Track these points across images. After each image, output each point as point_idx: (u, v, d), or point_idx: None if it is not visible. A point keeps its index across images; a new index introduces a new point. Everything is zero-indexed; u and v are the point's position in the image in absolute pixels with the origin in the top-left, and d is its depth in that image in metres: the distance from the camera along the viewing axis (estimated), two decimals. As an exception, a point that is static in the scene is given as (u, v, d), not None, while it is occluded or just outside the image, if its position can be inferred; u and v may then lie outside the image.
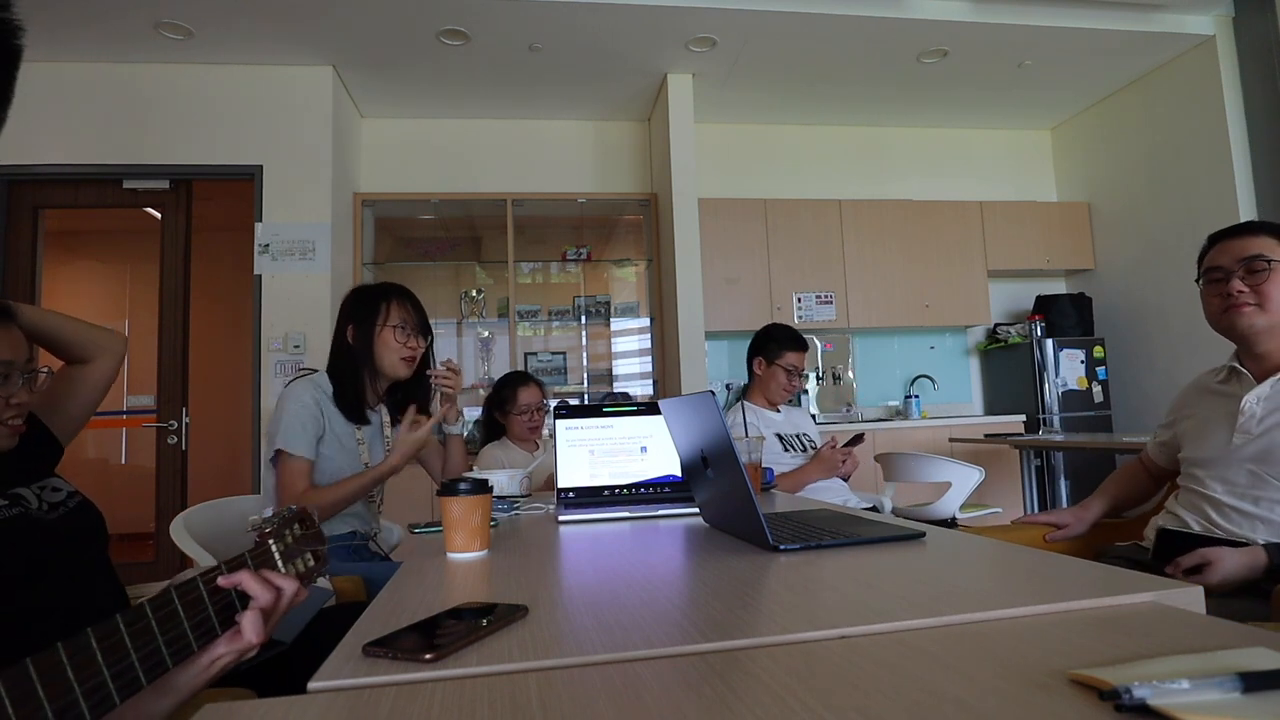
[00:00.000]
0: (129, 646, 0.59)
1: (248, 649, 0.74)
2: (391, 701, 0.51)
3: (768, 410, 2.53)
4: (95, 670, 0.55)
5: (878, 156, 5.11)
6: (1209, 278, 1.43)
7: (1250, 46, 3.99)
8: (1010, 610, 0.64)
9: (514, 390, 2.62)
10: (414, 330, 1.78)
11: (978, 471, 2.86)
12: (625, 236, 5.04)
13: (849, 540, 0.99)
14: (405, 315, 1.77)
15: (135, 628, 0.60)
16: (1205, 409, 1.48)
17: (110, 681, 0.56)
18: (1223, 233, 1.43)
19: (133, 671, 0.58)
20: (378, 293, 1.80)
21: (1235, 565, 1.21)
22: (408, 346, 1.76)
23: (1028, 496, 4.23)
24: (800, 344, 2.49)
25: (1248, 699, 0.42)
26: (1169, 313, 4.35)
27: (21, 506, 0.95)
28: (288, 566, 0.82)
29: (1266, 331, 1.36)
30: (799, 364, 2.47)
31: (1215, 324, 1.43)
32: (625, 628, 0.65)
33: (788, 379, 2.46)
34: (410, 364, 1.78)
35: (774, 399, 2.52)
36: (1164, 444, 1.63)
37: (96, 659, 0.55)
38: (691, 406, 1.11)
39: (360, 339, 1.76)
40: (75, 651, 0.53)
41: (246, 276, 3.86)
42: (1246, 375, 1.41)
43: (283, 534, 0.83)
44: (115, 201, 3.90)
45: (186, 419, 3.87)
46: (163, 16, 3.42)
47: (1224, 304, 1.39)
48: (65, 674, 0.52)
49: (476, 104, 4.48)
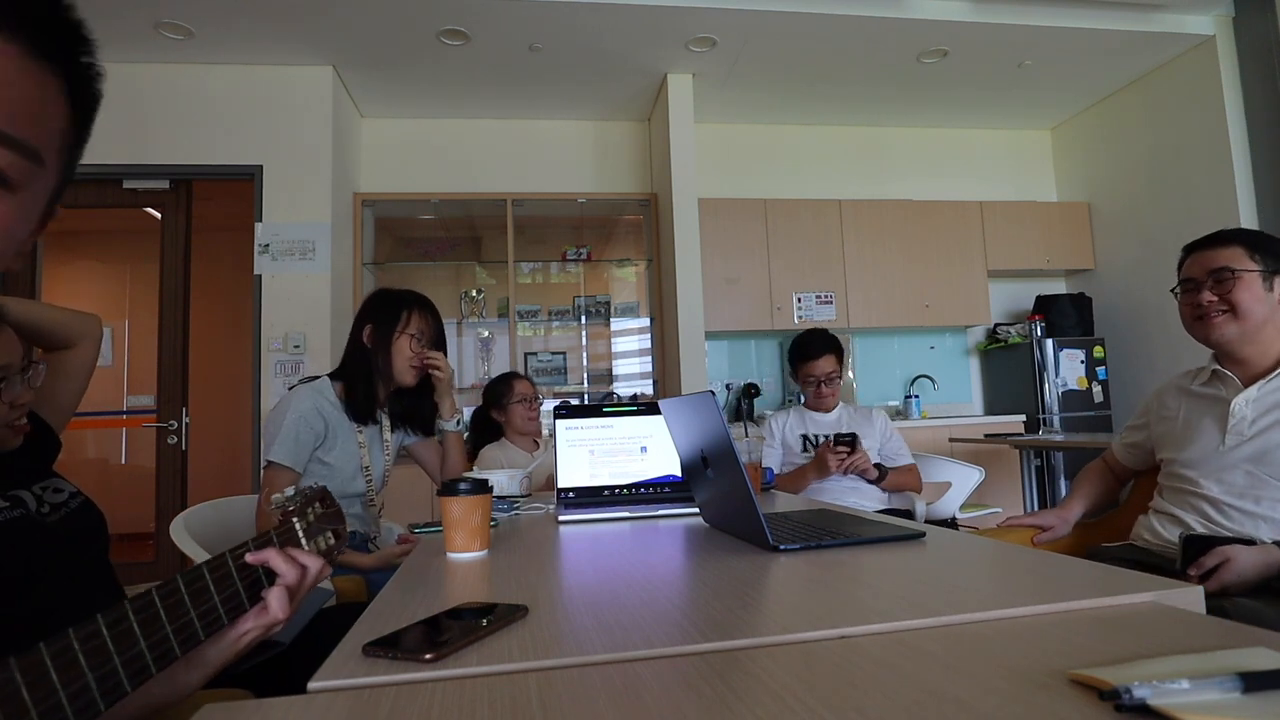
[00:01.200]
0: (163, 619, 0.61)
1: (274, 624, 0.76)
2: (391, 701, 0.51)
3: (815, 413, 2.57)
4: (133, 641, 0.57)
5: (878, 156, 5.11)
6: (1183, 288, 1.48)
7: (1250, 46, 3.99)
8: (1010, 610, 0.64)
9: (508, 383, 2.65)
10: (429, 343, 1.81)
11: (978, 471, 2.86)
12: (625, 236, 5.04)
13: (849, 540, 0.99)
14: (424, 326, 1.80)
15: (169, 601, 0.62)
16: (1188, 411, 1.51)
17: (147, 652, 0.58)
18: (1196, 243, 1.48)
19: (167, 643, 0.60)
20: (401, 299, 1.81)
21: (1250, 562, 1.22)
22: (419, 356, 1.78)
23: (1028, 496, 4.23)
24: (814, 351, 2.50)
25: (1248, 699, 0.42)
26: (1169, 313, 4.34)
27: (22, 509, 0.95)
28: (310, 543, 0.83)
29: (1239, 339, 1.40)
30: (814, 372, 2.50)
31: (1189, 331, 1.47)
32: (625, 628, 0.65)
33: (812, 387, 2.52)
34: (418, 374, 1.81)
35: (812, 405, 2.58)
36: (1133, 445, 1.67)
37: (134, 630, 0.57)
38: (691, 406, 1.11)
39: (377, 341, 1.77)
40: (113, 623, 0.56)
41: (246, 276, 3.86)
42: (1231, 378, 1.44)
43: (305, 512, 0.84)
44: (115, 201, 3.90)
45: (186, 419, 3.87)
46: (163, 16, 3.43)
47: (1195, 313, 1.44)
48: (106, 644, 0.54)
49: (476, 104, 4.48)
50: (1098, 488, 1.74)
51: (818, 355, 2.50)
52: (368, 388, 1.76)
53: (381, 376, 1.78)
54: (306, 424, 1.67)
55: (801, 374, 2.53)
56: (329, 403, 1.74)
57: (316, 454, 1.71)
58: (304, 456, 1.67)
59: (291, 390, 1.75)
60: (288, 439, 1.65)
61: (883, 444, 2.53)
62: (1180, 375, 1.59)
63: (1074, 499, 1.71)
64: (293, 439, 1.65)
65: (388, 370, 1.77)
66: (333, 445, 1.72)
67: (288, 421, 1.66)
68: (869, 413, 2.61)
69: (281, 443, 1.64)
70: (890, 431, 2.57)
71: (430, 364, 1.81)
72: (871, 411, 2.62)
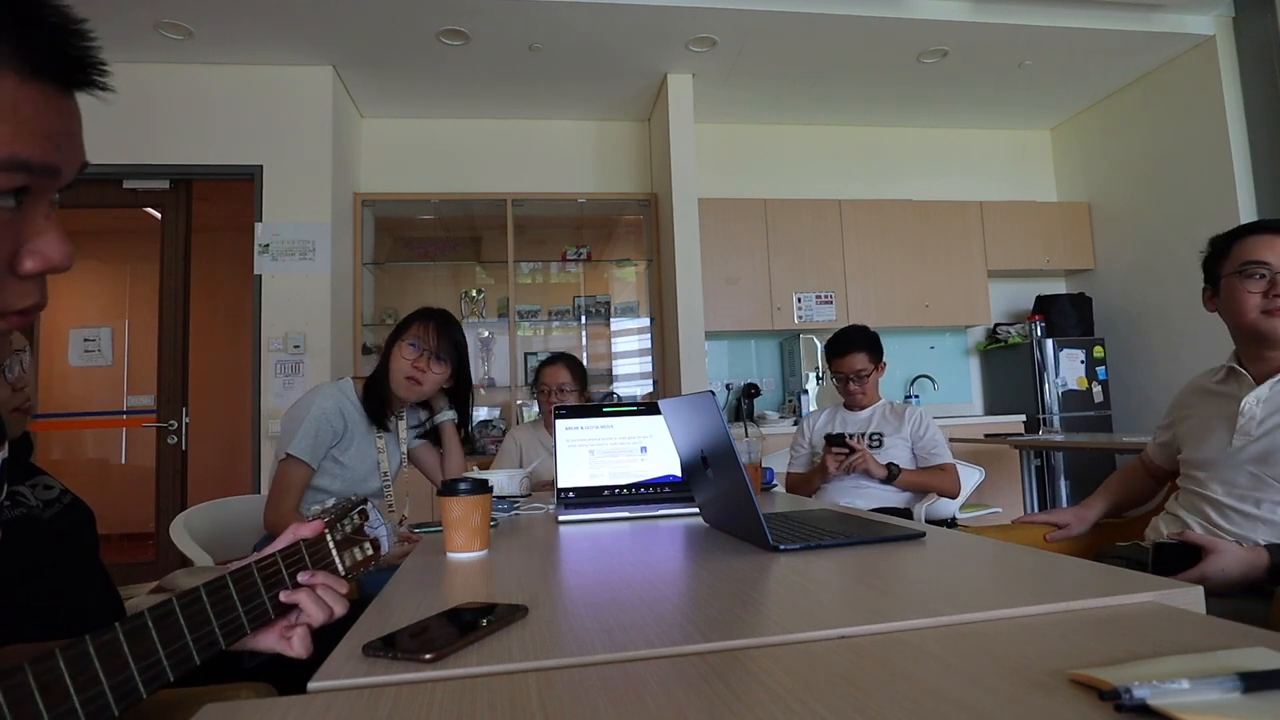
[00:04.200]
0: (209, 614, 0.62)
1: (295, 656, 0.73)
2: (391, 701, 0.51)
3: (848, 411, 2.56)
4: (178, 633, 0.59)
5: (878, 156, 5.11)
6: (1246, 272, 1.32)
7: (1250, 46, 3.99)
8: (1010, 610, 0.64)
9: (540, 369, 2.66)
10: (428, 352, 1.76)
11: (978, 471, 2.86)
12: (625, 236, 5.04)
13: (849, 540, 0.99)
14: (421, 334, 1.77)
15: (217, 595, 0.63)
16: (1204, 410, 1.46)
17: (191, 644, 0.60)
18: (1264, 225, 1.33)
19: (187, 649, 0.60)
20: (416, 312, 1.83)
21: (1235, 559, 1.21)
22: (415, 366, 1.75)
23: (1028, 496, 4.23)
24: (843, 349, 2.47)
25: (1248, 699, 0.42)
26: (1169, 313, 4.35)
27: (24, 506, 0.95)
28: (342, 555, 0.81)
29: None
30: (842, 369, 2.47)
31: (1249, 323, 1.34)
32: (625, 628, 0.65)
33: (841, 383, 2.51)
34: (414, 385, 1.76)
35: (845, 403, 2.57)
36: (1164, 444, 1.61)
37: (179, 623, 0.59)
38: (691, 406, 1.11)
39: (386, 350, 1.80)
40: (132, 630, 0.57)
41: (246, 276, 3.86)
42: (1245, 376, 1.38)
43: (339, 525, 0.82)
44: (115, 201, 3.90)
45: (186, 419, 3.87)
46: (163, 16, 3.42)
47: (1265, 304, 1.30)
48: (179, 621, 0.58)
49: (476, 104, 4.48)
50: (1125, 488, 1.68)
51: (845, 352, 2.45)
52: (379, 393, 1.79)
53: (389, 387, 1.80)
54: (327, 421, 1.70)
55: (833, 370, 2.52)
56: (350, 403, 1.77)
57: (332, 452, 1.73)
58: (320, 454, 1.70)
59: (316, 387, 1.78)
60: (308, 435, 1.67)
61: (914, 443, 2.42)
62: (1204, 373, 1.52)
63: (1097, 497, 1.65)
64: (312, 435, 1.67)
65: (389, 380, 1.78)
66: (349, 445, 1.74)
67: (310, 417, 1.68)
68: (903, 410, 2.51)
69: (301, 438, 1.67)
70: (924, 430, 2.43)
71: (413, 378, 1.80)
72: (905, 409, 2.50)
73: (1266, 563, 1.21)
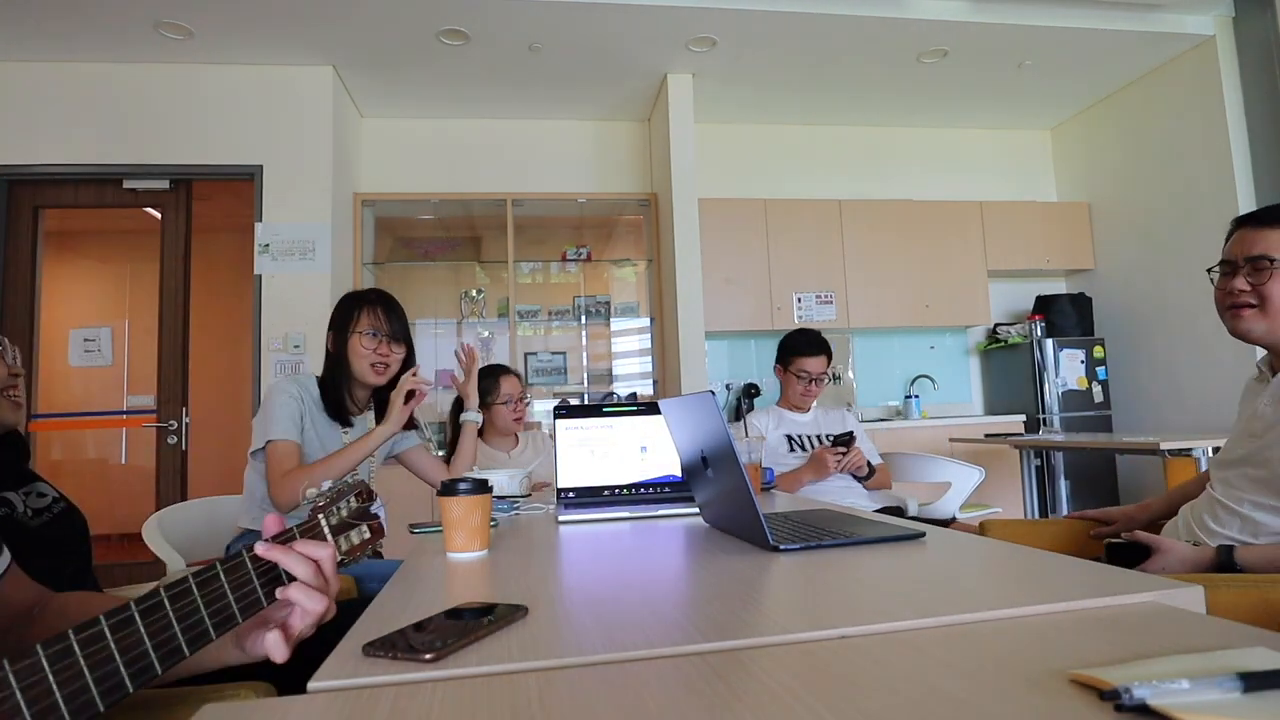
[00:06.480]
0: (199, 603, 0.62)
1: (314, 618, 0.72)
2: (391, 701, 0.51)
3: (791, 413, 2.58)
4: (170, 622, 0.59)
5: (878, 156, 5.11)
6: (1221, 270, 1.32)
7: (1250, 46, 3.99)
8: (1010, 610, 0.64)
9: (495, 380, 2.58)
10: (386, 337, 1.79)
11: (978, 471, 2.86)
12: (625, 236, 5.04)
13: (849, 540, 0.99)
14: (375, 322, 1.78)
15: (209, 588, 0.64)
16: (1240, 408, 1.43)
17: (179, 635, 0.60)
18: (1245, 218, 1.32)
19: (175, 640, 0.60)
20: (354, 300, 1.83)
21: (1179, 559, 1.21)
22: (377, 353, 1.77)
23: (1028, 496, 4.23)
24: (813, 349, 2.52)
25: (1248, 699, 0.42)
26: (1169, 313, 4.35)
27: (7, 509, 0.95)
28: (337, 540, 0.80)
29: (1266, 335, 1.26)
30: (812, 369, 2.51)
31: (1220, 318, 1.33)
32: (625, 628, 0.65)
33: (802, 384, 2.52)
34: (381, 371, 1.79)
35: (796, 403, 2.58)
36: None
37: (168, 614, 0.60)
38: (691, 406, 1.11)
39: (337, 345, 1.81)
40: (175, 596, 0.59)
41: (246, 276, 3.86)
42: (1266, 373, 1.34)
43: (334, 508, 0.81)
44: (115, 201, 3.90)
45: (186, 419, 3.87)
46: (163, 16, 3.42)
47: (1225, 301, 1.30)
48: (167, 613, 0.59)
49: (476, 104, 4.48)
50: (1184, 493, 1.60)
51: (816, 352, 2.52)
52: (336, 393, 1.80)
53: (349, 379, 1.80)
54: (295, 400, 1.73)
55: (795, 368, 2.53)
56: (311, 398, 1.78)
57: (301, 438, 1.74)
58: (300, 427, 1.72)
59: (274, 383, 1.79)
60: (281, 416, 1.69)
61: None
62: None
63: (1159, 498, 1.60)
64: (286, 416, 1.70)
65: (352, 373, 1.79)
66: (312, 438, 1.76)
67: (278, 402, 1.71)
68: (841, 413, 2.64)
69: (277, 420, 1.68)
70: (862, 431, 2.58)
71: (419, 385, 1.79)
72: (843, 411, 2.65)
73: (1210, 559, 1.20)
